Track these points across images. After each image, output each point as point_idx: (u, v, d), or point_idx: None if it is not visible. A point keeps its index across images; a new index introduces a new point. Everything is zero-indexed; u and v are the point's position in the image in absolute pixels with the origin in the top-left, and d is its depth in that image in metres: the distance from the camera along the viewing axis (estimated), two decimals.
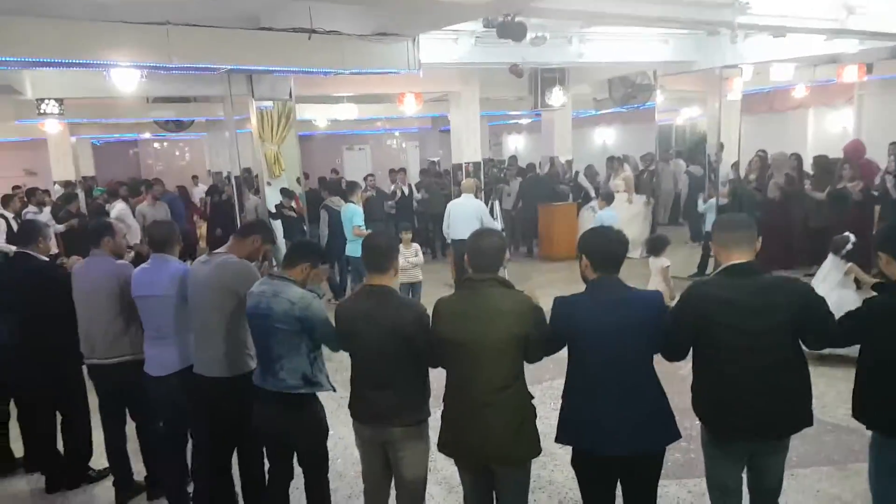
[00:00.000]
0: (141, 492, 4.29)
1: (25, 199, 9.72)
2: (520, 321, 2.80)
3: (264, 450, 3.64)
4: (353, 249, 8.11)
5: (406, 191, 11.71)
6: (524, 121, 17.73)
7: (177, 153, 20.37)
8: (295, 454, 3.44)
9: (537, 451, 2.90)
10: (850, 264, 5.87)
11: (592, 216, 9.25)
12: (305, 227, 9.25)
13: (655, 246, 6.23)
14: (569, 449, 2.98)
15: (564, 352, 2.94)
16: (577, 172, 13.32)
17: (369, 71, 6.81)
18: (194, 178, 15.84)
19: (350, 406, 3.17)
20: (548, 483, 4.26)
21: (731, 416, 2.81)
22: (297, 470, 3.52)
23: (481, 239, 2.97)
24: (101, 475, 4.49)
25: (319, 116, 14.06)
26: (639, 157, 12.74)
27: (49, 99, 9.24)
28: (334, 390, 3.33)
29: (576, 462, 2.95)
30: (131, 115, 12.51)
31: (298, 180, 9.47)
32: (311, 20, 6.01)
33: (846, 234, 6.06)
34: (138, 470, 4.35)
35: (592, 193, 12.06)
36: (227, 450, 3.74)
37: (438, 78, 10.68)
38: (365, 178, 11.45)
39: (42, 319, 4.08)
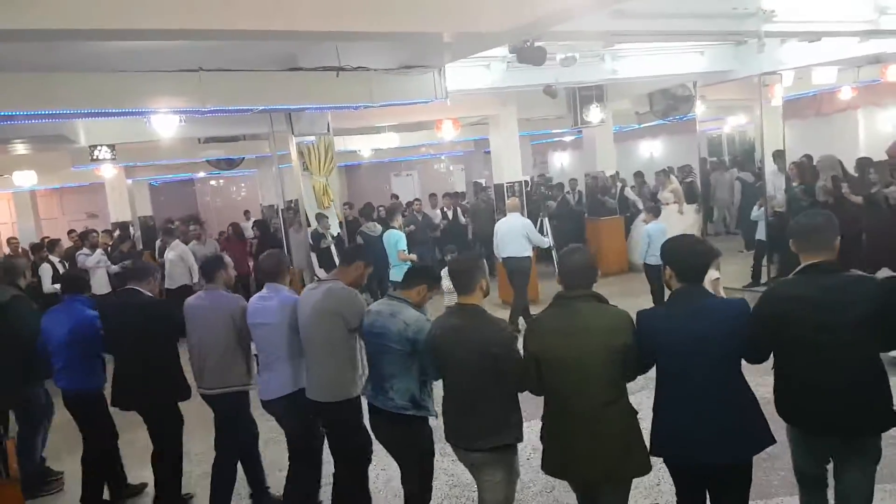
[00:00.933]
0: None
1: (80, 241, 10.16)
2: (618, 335, 2.84)
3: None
4: (397, 274, 8.24)
5: (451, 214, 11.77)
6: (567, 138, 17.68)
7: (233, 189, 21.08)
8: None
9: (648, 467, 2.91)
10: None
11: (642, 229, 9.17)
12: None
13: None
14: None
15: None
16: (621, 186, 13.22)
17: (397, 103, 6.98)
18: (246, 213, 16.32)
19: (444, 424, 3.24)
20: None
21: (810, 412, 2.86)
22: None
23: (570, 256, 3.03)
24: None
25: (363, 147, 14.35)
26: (676, 169, 12.52)
27: (101, 145, 9.73)
28: (436, 417, 3.41)
29: (672, 472, 3.01)
30: (184, 155, 13.03)
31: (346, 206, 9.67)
32: (338, 58, 6.21)
33: None
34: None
35: (640, 205, 11.93)
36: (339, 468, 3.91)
37: (475, 102, 10.81)
38: (409, 204, 11.60)
39: (151, 355, 4.25)
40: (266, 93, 6.23)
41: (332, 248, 8.72)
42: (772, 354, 2.94)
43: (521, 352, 3.04)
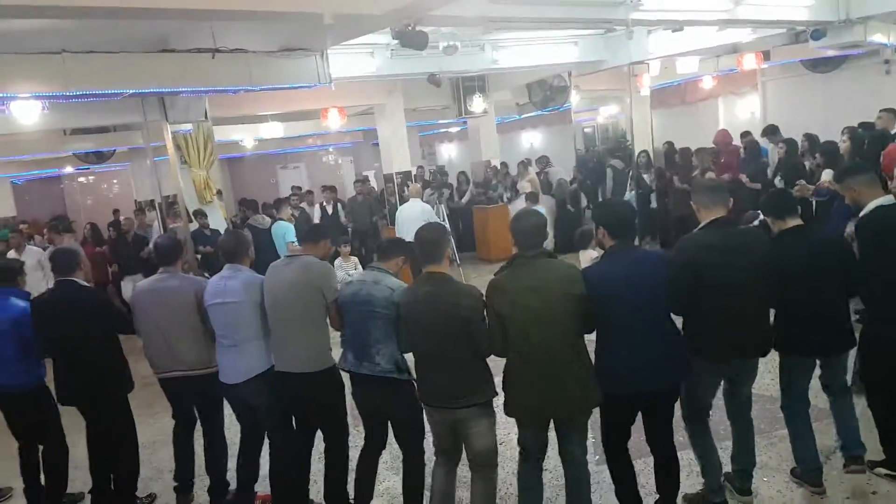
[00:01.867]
0: None
1: None
2: (575, 285, 3.15)
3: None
4: None
5: (330, 209, 11.70)
6: (453, 129, 17.95)
7: (104, 186, 19.85)
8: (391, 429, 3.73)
9: (601, 397, 3.24)
10: None
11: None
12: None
13: (583, 239, 6.44)
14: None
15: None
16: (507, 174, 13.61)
17: (277, 87, 6.85)
18: (115, 211, 15.35)
19: (418, 388, 3.45)
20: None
21: (720, 341, 3.37)
22: None
23: (522, 220, 3.31)
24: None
25: (246, 137, 13.95)
26: (535, 161, 13.15)
27: None
28: (415, 379, 3.51)
29: (606, 404, 3.30)
30: (48, 149, 12.17)
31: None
32: (213, 39, 6.02)
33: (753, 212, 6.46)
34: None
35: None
36: (311, 440, 3.99)
37: (361, 90, 10.78)
38: (289, 198, 11.42)
39: (92, 345, 4.06)
40: (136, 76, 5.92)
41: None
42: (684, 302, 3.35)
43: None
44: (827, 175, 6.16)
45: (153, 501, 4.55)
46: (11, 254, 8.04)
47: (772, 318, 3.59)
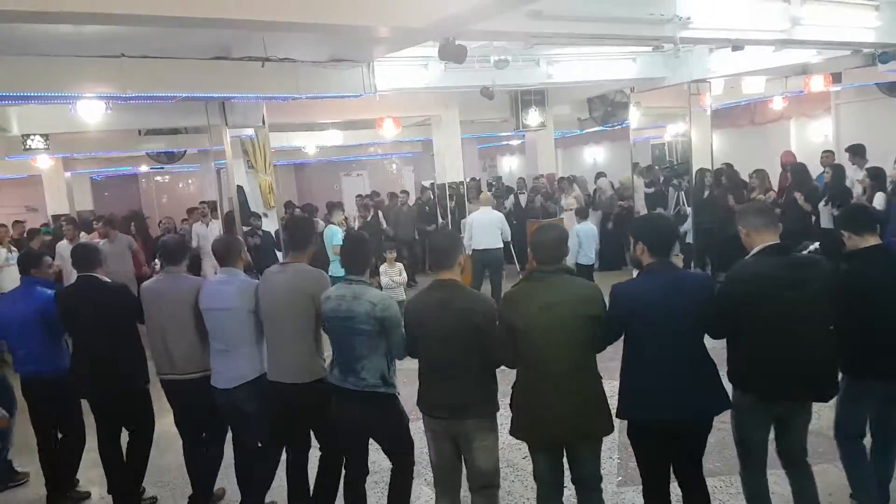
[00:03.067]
0: None
1: None
2: (592, 306, 3.05)
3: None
4: (335, 269, 8.32)
5: (370, 216, 11.97)
6: (514, 142, 17.95)
7: (179, 185, 20.75)
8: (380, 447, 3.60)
9: (612, 426, 3.13)
10: None
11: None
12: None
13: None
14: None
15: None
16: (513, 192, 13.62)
17: (324, 95, 7.07)
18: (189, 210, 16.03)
19: (419, 400, 3.34)
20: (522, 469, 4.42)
21: (770, 379, 3.08)
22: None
23: (543, 233, 3.21)
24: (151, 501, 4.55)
25: (308, 143, 14.36)
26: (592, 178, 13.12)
27: (34, 134, 9.56)
28: (400, 395, 3.50)
29: (633, 433, 3.18)
30: (123, 147, 12.83)
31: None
32: (265, 48, 6.26)
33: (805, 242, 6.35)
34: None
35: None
36: (306, 452, 3.87)
37: (417, 102, 10.96)
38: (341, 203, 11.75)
39: (110, 341, 4.11)
40: (189, 81, 6.23)
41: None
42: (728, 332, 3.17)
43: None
44: (879, 199, 5.90)
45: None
46: (65, 244, 8.53)
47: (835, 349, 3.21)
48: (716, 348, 3.21)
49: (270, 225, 9.65)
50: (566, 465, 3.27)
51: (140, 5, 4.48)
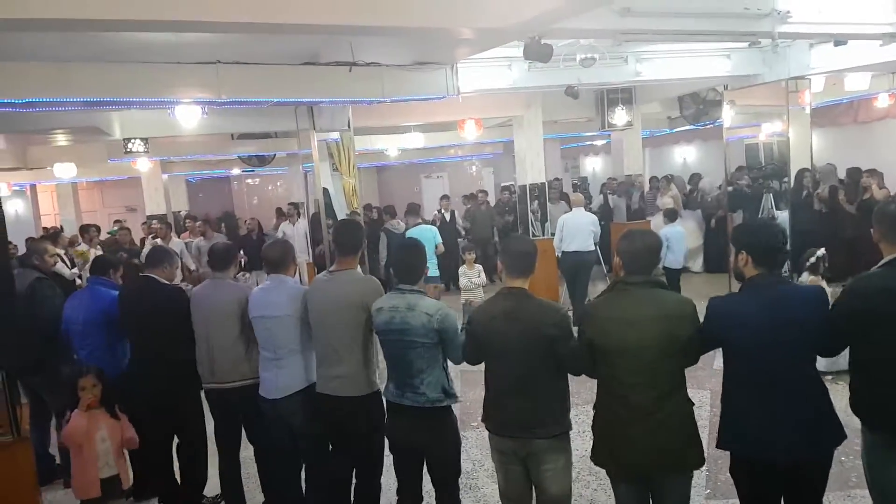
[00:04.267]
0: None
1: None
2: (682, 324, 2.75)
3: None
4: (433, 269, 8.34)
5: (448, 217, 11.96)
6: (598, 142, 17.59)
7: (269, 188, 21.48)
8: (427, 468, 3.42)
9: (703, 459, 2.85)
10: (811, 277, 5.90)
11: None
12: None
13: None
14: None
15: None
16: (602, 191, 13.34)
17: (408, 98, 7.09)
18: (278, 210, 16.59)
19: (486, 418, 3.13)
20: (588, 502, 4.23)
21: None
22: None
23: (632, 240, 2.88)
24: (213, 502, 4.54)
25: (390, 146, 14.54)
26: (686, 178, 12.87)
27: (134, 138, 10.08)
28: (460, 400, 3.36)
29: (735, 469, 2.86)
30: (217, 151, 13.33)
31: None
32: (352, 53, 6.35)
33: (811, 249, 6.12)
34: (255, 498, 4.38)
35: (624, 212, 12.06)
36: (350, 469, 3.69)
37: (499, 103, 10.88)
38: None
39: (163, 343, 4.13)
40: (280, 86, 6.39)
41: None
42: (849, 352, 2.81)
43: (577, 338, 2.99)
44: None
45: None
46: (155, 242, 8.90)
47: None
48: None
49: None
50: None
51: (236, 13, 4.60)
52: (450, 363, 3.32)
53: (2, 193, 14.02)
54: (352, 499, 3.74)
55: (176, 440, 4.46)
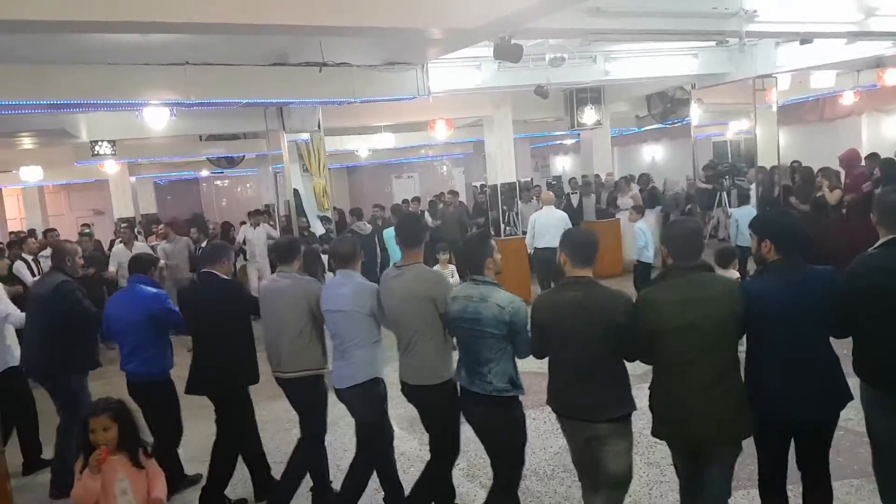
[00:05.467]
0: None
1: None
2: (735, 302, 2.95)
3: None
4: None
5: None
6: (568, 141, 17.73)
7: (238, 189, 21.27)
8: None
9: (753, 426, 3.03)
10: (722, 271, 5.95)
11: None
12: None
13: (723, 258, 6.23)
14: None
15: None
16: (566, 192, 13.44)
17: (378, 99, 7.08)
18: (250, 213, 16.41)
19: (552, 400, 3.25)
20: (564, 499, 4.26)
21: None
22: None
23: (677, 227, 3.15)
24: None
25: (361, 147, 14.49)
26: (637, 177, 13.11)
27: (102, 141, 9.89)
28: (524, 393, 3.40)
29: (761, 430, 3.06)
30: (185, 152, 13.18)
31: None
32: (322, 54, 6.31)
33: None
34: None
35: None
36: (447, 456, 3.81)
37: (469, 103, 10.88)
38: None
39: (223, 336, 4.20)
40: (249, 87, 6.34)
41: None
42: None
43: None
44: None
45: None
46: (120, 247, 8.80)
47: None
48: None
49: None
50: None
51: (203, 14, 4.57)
52: None
53: None
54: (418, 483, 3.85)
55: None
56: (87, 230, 10.49)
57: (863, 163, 9.08)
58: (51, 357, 4.69)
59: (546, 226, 8.92)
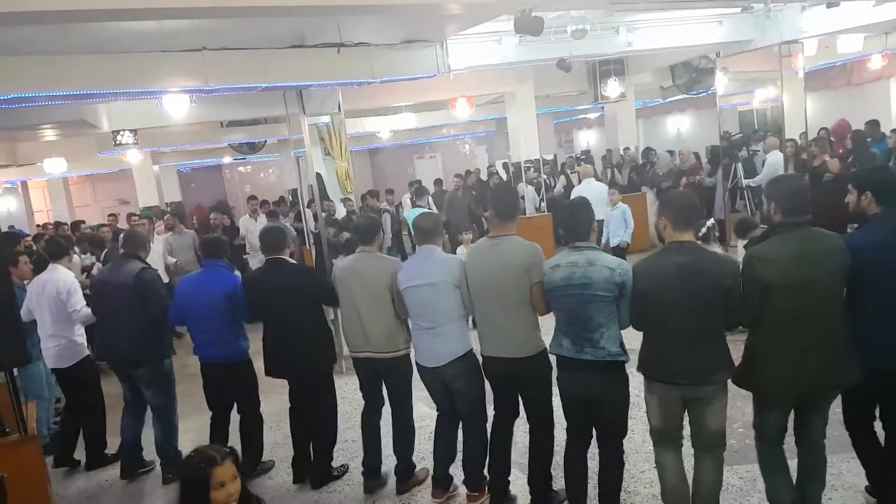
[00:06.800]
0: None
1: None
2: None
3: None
4: None
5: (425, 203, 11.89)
6: (591, 115, 17.46)
7: (261, 175, 21.32)
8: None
9: (860, 374, 3.09)
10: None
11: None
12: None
13: (744, 228, 6.25)
14: None
15: None
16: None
17: (398, 78, 6.98)
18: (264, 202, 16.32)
19: (648, 367, 3.24)
20: None
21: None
22: None
23: (786, 182, 3.29)
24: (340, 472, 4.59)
25: (382, 128, 14.41)
26: (640, 151, 12.91)
27: (123, 130, 9.95)
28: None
29: (869, 378, 3.11)
30: (207, 139, 13.22)
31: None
32: (339, 34, 6.24)
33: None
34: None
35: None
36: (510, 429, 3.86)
37: (490, 79, 10.77)
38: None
39: (296, 321, 4.23)
40: (267, 70, 6.29)
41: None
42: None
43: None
44: None
45: (344, 473, 4.57)
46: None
47: None
48: None
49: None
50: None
51: None
52: None
53: None
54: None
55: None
56: (147, 212, 10.52)
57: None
58: (146, 342, 4.63)
59: (589, 198, 8.75)
